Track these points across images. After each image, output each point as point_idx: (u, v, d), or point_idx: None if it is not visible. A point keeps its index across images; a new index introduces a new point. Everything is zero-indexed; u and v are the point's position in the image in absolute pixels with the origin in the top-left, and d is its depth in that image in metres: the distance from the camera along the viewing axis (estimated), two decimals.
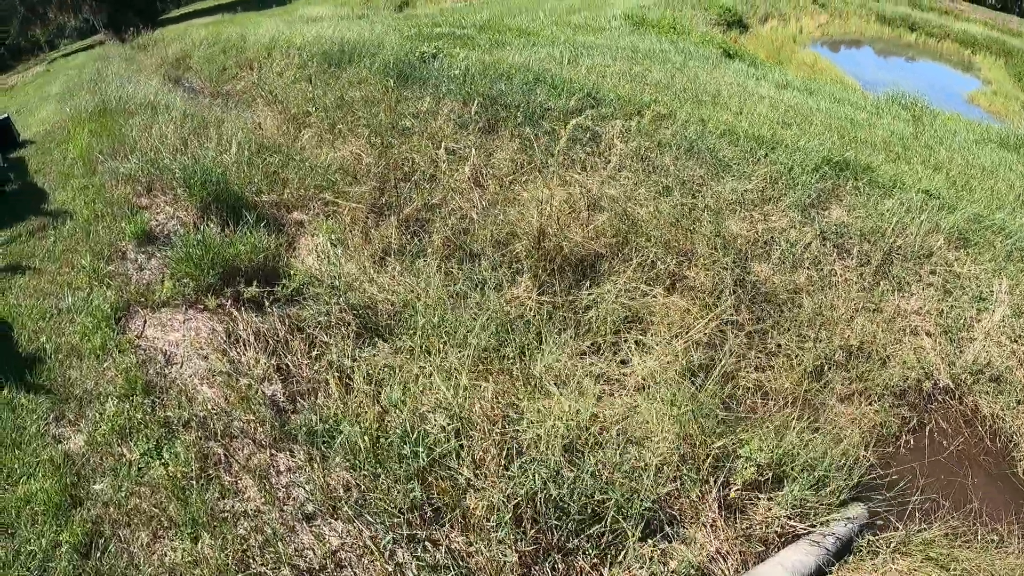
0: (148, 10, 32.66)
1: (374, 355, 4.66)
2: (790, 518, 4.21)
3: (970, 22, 31.95)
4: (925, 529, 4.33)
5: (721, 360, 6.01)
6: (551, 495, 3.59)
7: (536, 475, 3.66)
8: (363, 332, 4.91)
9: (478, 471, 3.73)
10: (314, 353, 4.69)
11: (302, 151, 8.22)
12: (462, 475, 3.69)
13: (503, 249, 6.31)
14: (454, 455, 3.80)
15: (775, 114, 9.91)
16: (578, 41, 12.75)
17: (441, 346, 4.70)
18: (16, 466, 3.85)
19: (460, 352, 4.62)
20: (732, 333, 6.69)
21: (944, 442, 6.02)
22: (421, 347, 4.74)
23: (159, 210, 6.48)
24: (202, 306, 5.06)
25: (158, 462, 3.78)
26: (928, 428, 6.11)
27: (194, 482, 3.70)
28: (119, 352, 4.59)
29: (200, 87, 16.16)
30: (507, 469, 3.73)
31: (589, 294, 6.46)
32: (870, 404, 6.39)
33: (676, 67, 11.68)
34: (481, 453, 3.79)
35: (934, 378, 6.54)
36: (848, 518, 4.32)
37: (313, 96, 9.63)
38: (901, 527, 4.38)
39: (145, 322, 4.89)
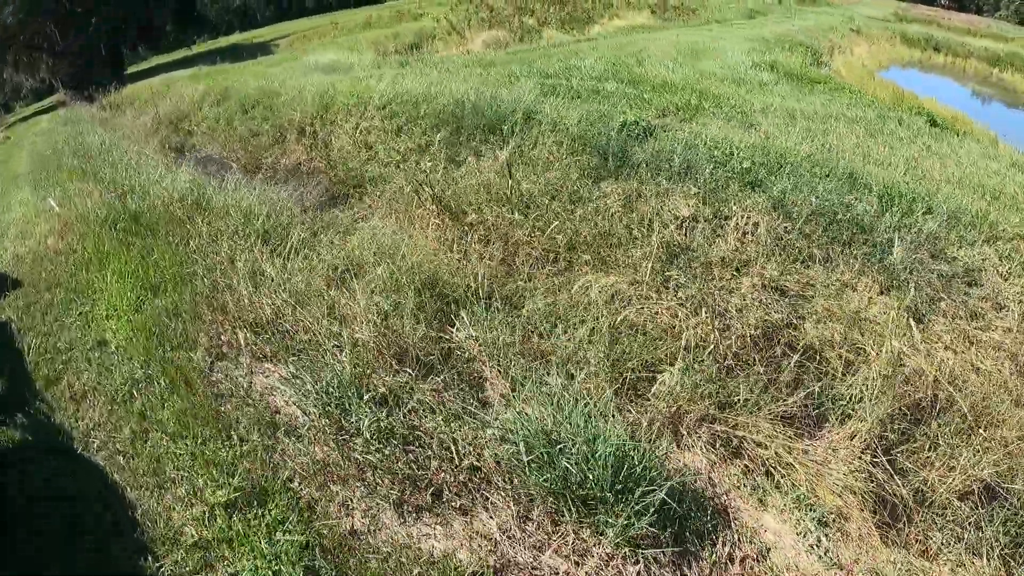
0: (114, 65, 27.59)
1: None
2: None
3: (951, 31, 30.76)
4: None
5: None
6: None
7: None
8: None
9: None
10: None
11: (555, 304, 4.24)
12: None
13: None
14: None
15: None
16: (769, 105, 9.19)
17: None
18: None
19: None
20: None
21: None
22: None
23: None
24: None
25: None
26: None
27: None
28: None
29: (223, 158, 11.76)
30: None
31: None
32: None
33: (924, 147, 8.41)
34: None
35: None
36: None
37: (512, 190, 5.60)
38: None
39: None
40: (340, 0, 54.89)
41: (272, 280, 4.28)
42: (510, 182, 5.63)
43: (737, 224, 5.54)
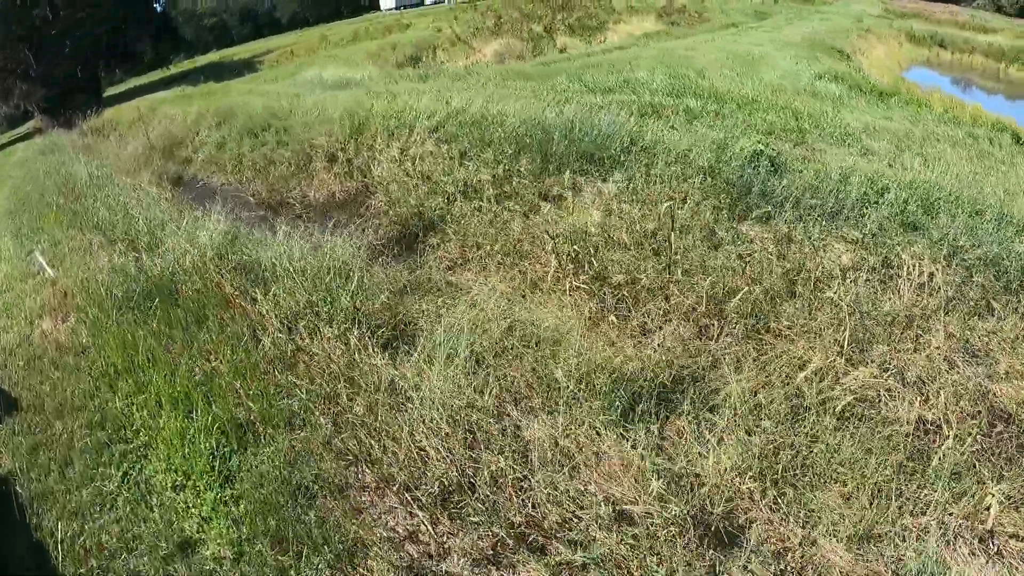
0: (92, 88, 25.54)
1: None
2: None
3: (941, 23, 30.24)
4: None
5: None
6: None
7: None
8: None
9: None
10: None
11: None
12: None
13: None
14: None
15: None
16: (869, 125, 7.98)
17: None
18: None
19: None
20: None
21: None
22: None
23: None
24: None
25: None
26: None
27: None
28: None
29: (237, 192, 10.12)
30: None
31: None
32: None
33: None
34: None
35: None
36: None
37: (671, 246, 4.18)
38: None
39: None
40: (319, 16, 53.20)
41: (414, 400, 2.79)
42: (671, 235, 4.19)
43: (909, 274, 4.36)
